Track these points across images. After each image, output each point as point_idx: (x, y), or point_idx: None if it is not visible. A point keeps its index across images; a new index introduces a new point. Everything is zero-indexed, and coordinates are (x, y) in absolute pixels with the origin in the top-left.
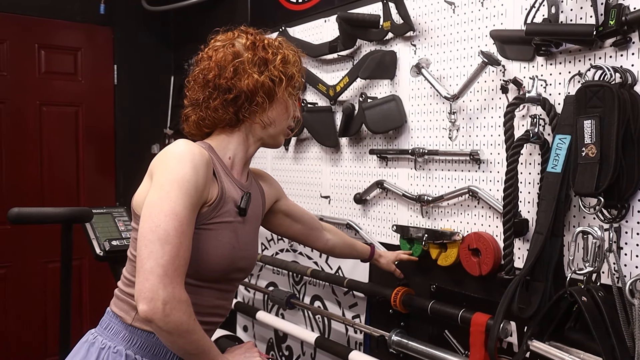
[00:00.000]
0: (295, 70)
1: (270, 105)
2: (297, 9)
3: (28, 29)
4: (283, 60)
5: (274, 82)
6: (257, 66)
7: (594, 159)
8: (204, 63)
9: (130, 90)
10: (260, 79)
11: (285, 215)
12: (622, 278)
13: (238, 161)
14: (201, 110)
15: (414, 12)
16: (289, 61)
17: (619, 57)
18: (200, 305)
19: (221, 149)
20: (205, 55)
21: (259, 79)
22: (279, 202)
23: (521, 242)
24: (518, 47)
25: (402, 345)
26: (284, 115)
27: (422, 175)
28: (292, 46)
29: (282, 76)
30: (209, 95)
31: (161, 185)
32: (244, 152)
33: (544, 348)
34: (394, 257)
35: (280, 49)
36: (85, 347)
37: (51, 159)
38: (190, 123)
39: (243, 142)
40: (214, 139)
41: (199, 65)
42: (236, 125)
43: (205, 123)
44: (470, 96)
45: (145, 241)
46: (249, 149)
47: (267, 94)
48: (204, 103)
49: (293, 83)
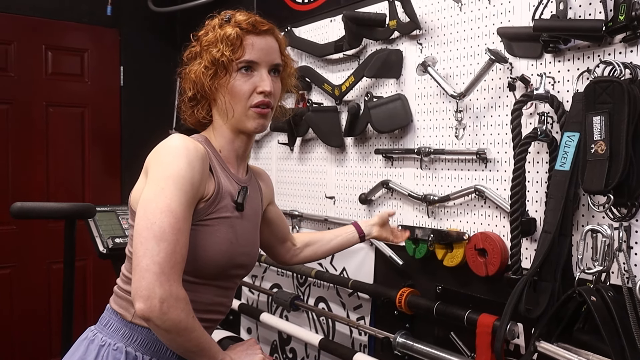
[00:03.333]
0: (224, 45)
1: (215, 95)
2: (303, 9)
3: (35, 30)
4: (204, 47)
5: (203, 73)
6: (191, 62)
7: (604, 156)
8: None
9: (137, 91)
10: (193, 76)
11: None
12: (632, 278)
13: (229, 154)
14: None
15: (420, 10)
16: (210, 41)
17: (629, 53)
18: (199, 303)
19: (214, 141)
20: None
21: (192, 77)
22: (269, 207)
23: (529, 242)
24: (525, 44)
25: (407, 347)
26: (233, 100)
27: (428, 175)
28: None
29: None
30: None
31: (156, 182)
32: (230, 145)
33: (552, 349)
34: (377, 220)
35: (204, 36)
36: (85, 344)
37: (57, 159)
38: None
39: (223, 134)
40: (209, 131)
41: None
42: (211, 121)
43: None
44: (477, 94)
45: (140, 238)
46: (233, 141)
47: (202, 88)
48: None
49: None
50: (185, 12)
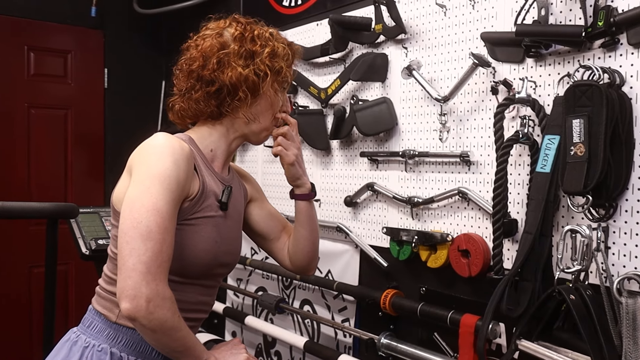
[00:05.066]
0: (284, 64)
1: (253, 100)
2: (290, 12)
3: (18, 30)
4: (271, 53)
5: (258, 77)
6: (242, 59)
7: (583, 158)
8: (190, 52)
9: (121, 93)
10: (244, 73)
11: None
12: (609, 277)
13: (219, 154)
14: (183, 101)
15: (406, 15)
16: (278, 54)
17: (608, 59)
18: (184, 302)
19: (202, 140)
20: (192, 44)
21: (243, 73)
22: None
23: (510, 243)
24: (508, 48)
25: (391, 348)
26: (268, 112)
27: (413, 178)
28: (284, 38)
29: (267, 70)
30: (191, 86)
31: (141, 181)
32: (226, 146)
33: (532, 347)
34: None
35: (270, 41)
36: (68, 346)
37: (39, 162)
38: (174, 112)
39: (225, 135)
40: (196, 130)
41: (185, 54)
42: (218, 118)
43: (187, 114)
44: (460, 98)
45: (126, 238)
46: (231, 143)
47: (251, 89)
48: (187, 93)
49: (280, 78)
50: (170, 14)
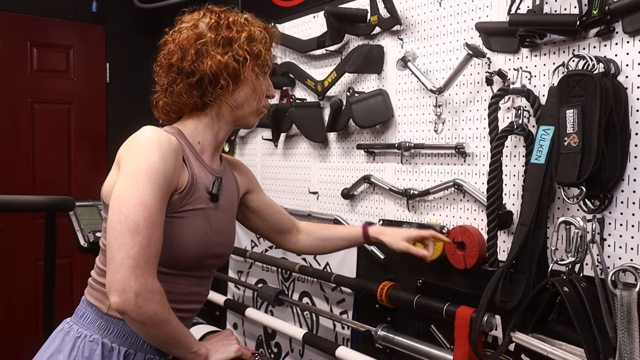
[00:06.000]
0: (263, 47)
1: (236, 86)
2: (287, 5)
3: (21, 26)
4: (248, 37)
5: (238, 62)
6: (220, 46)
7: (576, 149)
8: (168, 46)
9: (123, 88)
10: (224, 60)
11: (251, 211)
12: (605, 269)
13: (207, 145)
14: (166, 96)
15: (401, 6)
16: (255, 38)
17: (603, 48)
18: (176, 294)
19: (190, 133)
20: (169, 38)
21: (222, 60)
22: (249, 195)
23: (506, 235)
24: (503, 39)
25: (388, 340)
26: (252, 97)
27: (409, 170)
28: (260, 22)
29: (247, 55)
30: (172, 80)
31: (129, 175)
32: (214, 136)
33: (526, 340)
34: (406, 235)
35: (246, 26)
36: (60, 336)
37: (43, 156)
38: (158, 108)
39: (211, 125)
40: (183, 123)
41: (163, 49)
42: (203, 109)
43: (171, 108)
44: (456, 89)
45: (115, 232)
46: (219, 132)
47: (232, 76)
48: (168, 88)
49: (260, 62)
50: (171, 8)
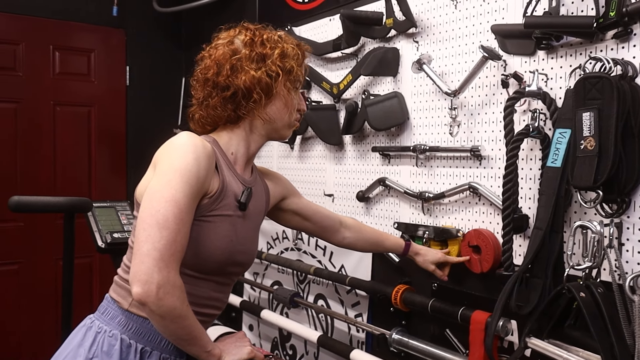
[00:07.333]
0: (295, 63)
1: (268, 100)
2: (303, 8)
3: (43, 30)
4: (281, 54)
5: (271, 78)
6: (254, 62)
7: (593, 152)
8: (204, 62)
9: (142, 90)
10: (257, 75)
11: (294, 213)
12: (623, 275)
13: (240, 157)
14: (202, 109)
15: (416, 8)
16: (288, 55)
17: (620, 50)
18: (197, 296)
19: (224, 143)
20: (206, 54)
21: (256, 75)
22: (288, 200)
23: (522, 239)
24: (519, 41)
25: (402, 344)
26: (284, 110)
27: (424, 172)
28: (293, 39)
29: (279, 71)
30: (208, 94)
31: (163, 174)
32: (246, 149)
33: (542, 346)
34: (435, 258)
35: (279, 43)
36: (83, 331)
37: (64, 157)
38: (195, 121)
39: (244, 138)
40: (218, 134)
41: (200, 64)
42: (237, 122)
43: (207, 121)
44: (471, 92)
45: (144, 225)
46: (250, 145)
47: (264, 90)
48: (204, 101)
49: (292, 77)
50: (189, 11)
